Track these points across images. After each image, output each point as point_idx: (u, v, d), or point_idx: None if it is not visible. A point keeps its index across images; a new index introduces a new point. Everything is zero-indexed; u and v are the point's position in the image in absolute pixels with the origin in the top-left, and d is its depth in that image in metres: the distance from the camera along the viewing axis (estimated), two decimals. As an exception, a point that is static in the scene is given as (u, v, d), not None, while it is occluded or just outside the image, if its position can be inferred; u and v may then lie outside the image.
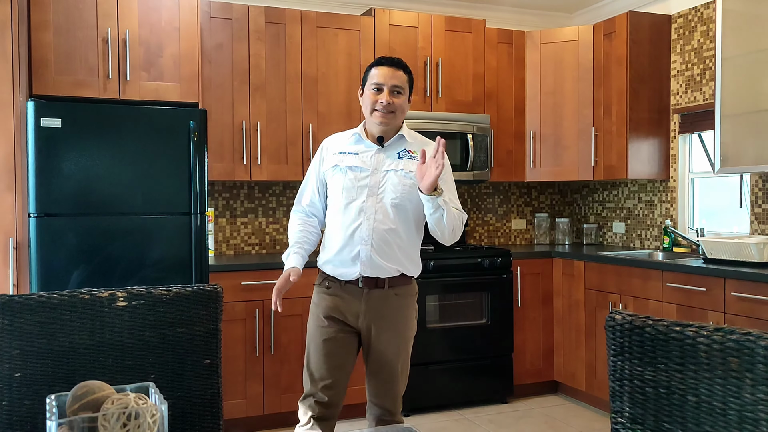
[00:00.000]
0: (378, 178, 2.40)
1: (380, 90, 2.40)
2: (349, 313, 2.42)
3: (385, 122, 2.41)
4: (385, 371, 2.45)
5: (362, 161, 2.43)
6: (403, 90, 2.44)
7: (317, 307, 2.48)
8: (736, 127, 3.50)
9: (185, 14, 3.56)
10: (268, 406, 3.74)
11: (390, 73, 2.41)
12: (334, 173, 2.46)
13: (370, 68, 2.46)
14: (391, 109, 2.40)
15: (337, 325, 2.43)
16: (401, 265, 2.44)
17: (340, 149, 2.49)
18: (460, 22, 4.45)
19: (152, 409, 1.16)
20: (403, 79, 2.44)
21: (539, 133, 4.63)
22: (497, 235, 5.04)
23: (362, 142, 2.48)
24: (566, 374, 4.30)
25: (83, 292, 1.60)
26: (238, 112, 3.93)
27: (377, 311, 2.42)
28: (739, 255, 3.31)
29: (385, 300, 2.42)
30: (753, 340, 1.23)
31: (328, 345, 2.42)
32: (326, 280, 2.48)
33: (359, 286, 2.41)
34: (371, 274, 2.39)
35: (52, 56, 3.34)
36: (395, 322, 2.45)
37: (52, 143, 3.18)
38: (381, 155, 2.44)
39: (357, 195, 2.40)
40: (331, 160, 2.49)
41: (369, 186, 2.40)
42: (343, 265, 2.42)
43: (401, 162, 2.41)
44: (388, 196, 2.38)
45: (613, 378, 1.46)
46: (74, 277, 3.22)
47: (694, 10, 4.16)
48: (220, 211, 4.27)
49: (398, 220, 2.40)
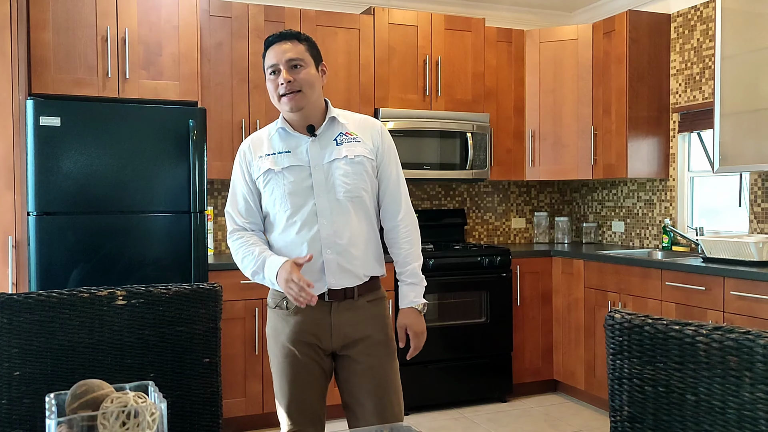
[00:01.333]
0: (322, 172, 2.05)
1: (277, 72, 2.04)
2: (318, 332, 2.05)
3: (296, 105, 2.03)
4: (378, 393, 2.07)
5: (298, 158, 2.06)
6: (304, 61, 2.03)
7: (279, 333, 2.08)
8: (736, 126, 3.51)
9: (184, 13, 3.56)
10: (267, 405, 3.74)
11: (281, 49, 2.03)
12: (268, 179, 2.07)
13: (263, 55, 2.09)
14: (295, 87, 2.01)
15: (308, 350, 2.06)
16: (371, 266, 2.12)
17: (267, 151, 2.10)
18: (460, 20, 4.45)
19: (151, 408, 1.16)
20: (300, 49, 2.04)
21: (539, 131, 4.63)
22: (496, 234, 5.04)
23: (289, 136, 2.10)
24: (565, 373, 4.31)
25: (82, 291, 1.60)
26: (238, 111, 3.93)
27: (350, 324, 2.07)
28: (738, 254, 3.31)
29: (358, 309, 2.08)
30: (752, 338, 1.23)
31: (303, 375, 2.06)
32: (284, 300, 2.07)
33: (325, 300, 2.05)
34: (339, 285, 2.05)
35: (52, 55, 3.34)
36: (373, 331, 2.10)
37: (52, 142, 3.18)
38: (316, 146, 2.07)
39: (305, 198, 2.04)
40: (261, 165, 2.09)
41: (315, 184, 2.04)
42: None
43: (342, 148, 2.07)
44: (340, 191, 2.04)
45: (612, 377, 1.46)
46: (73, 275, 3.22)
47: (693, 9, 4.16)
48: (220, 210, 4.27)
49: (359, 214, 2.08)
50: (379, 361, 2.09)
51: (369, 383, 2.07)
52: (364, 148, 2.10)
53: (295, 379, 2.06)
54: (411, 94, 4.31)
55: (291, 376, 2.07)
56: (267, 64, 2.06)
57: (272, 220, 2.11)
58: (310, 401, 2.08)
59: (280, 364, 2.09)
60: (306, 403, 2.07)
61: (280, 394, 2.11)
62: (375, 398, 2.06)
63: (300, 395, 2.07)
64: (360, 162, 2.07)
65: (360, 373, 2.07)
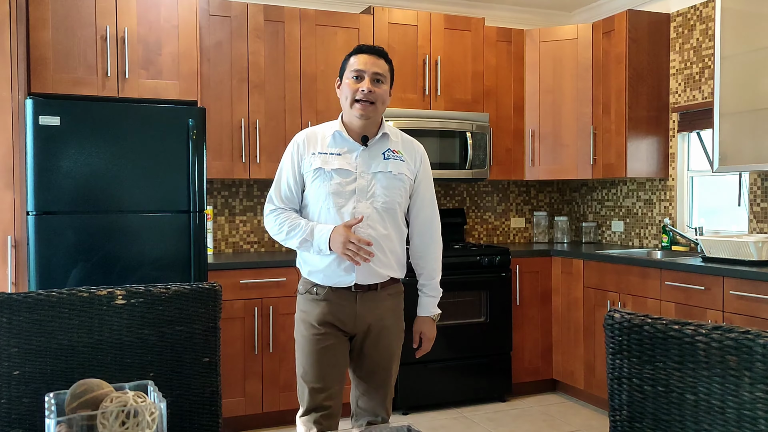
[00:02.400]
0: (366, 180, 2.25)
1: (360, 78, 2.23)
2: (343, 317, 2.27)
3: (365, 114, 2.23)
4: (379, 375, 2.34)
5: (348, 163, 2.25)
6: (385, 79, 2.27)
7: (308, 315, 2.29)
8: (735, 125, 3.51)
9: (184, 12, 3.56)
10: (267, 404, 3.74)
11: (371, 61, 2.25)
12: (316, 176, 2.25)
13: (349, 57, 2.30)
14: (372, 98, 2.22)
15: (333, 331, 2.27)
16: (393, 270, 2.33)
17: (321, 149, 2.28)
18: (459, 20, 4.45)
19: (151, 407, 1.16)
20: (385, 68, 2.27)
21: (538, 131, 4.63)
22: (496, 234, 5.04)
23: (344, 141, 2.28)
24: (565, 373, 4.31)
25: (82, 290, 1.60)
26: (237, 110, 3.93)
27: (372, 313, 2.29)
28: (737, 254, 3.32)
29: (380, 301, 2.30)
30: (751, 338, 1.23)
31: (327, 353, 2.26)
32: (314, 287, 2.30)
33: (351, 290, 2.27)
34: (365, 281, 2.26)
35: (51, 54, 3.33)
36: (391, 323, 2.34)
37: (51, 141, 3.18)
38: (366, 156, 2.27)
39: (346, 201, 2.23)
40: (312, 161, 2.27)
41: (358, 190, 2.24)
42: (335, 275, 2.26)
43: (389, 163, 2.28)
44: (378, 200, 2.25)
45: (611, 376, 1.46)
46: (73, 275, 3.22)
47: (693, 9, 4.16)
48: (219, 209, 4.27)
49: (390, 224, 2.29)
50: (390, 351, 2.35)
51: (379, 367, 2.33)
52: (406, 167, 2.32)
53: (320, 358, 2.26)
54: (410, 93, 4.31)
55: (316, 354, 2.26)
56: (353, 68, 2.26)
57: (311, 212, 2.30)
58: (330, 379, 2.27)
59: (308, 343, 2.28)
60: (327, 380, 2.26)
61: (303, 372, 2.29)
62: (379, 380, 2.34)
63: (321, 372, 2.26)
64: (401, 179, 2.29)
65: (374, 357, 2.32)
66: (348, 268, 2.23)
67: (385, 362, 2.34)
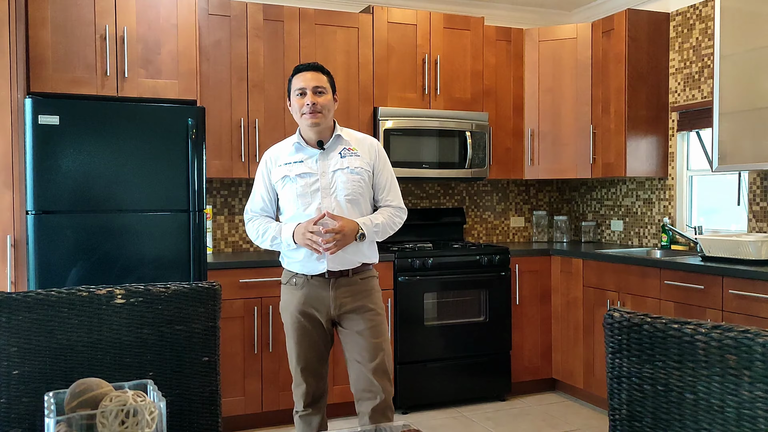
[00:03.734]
0: (327, 179, 2.57)
1: (304, 94, 2.55)
2: (320, 303, 2.57)
3: (315, 122, 2.54)
4: (369, 350, 2.54)
5: (309, 167, 2.58)
6: (325, 89, 2.57)
7: (289, 305, 2.61)
8: (735, 125, 3.51)
9: (183, 11, 3.56)
10: (267, 404, 3.74)
11: (310, 76, 2.56)
12: (284, 183, 2.60)
13: (291, 78, 2.61)
14: (317, 109, 2.53)
15: (311, 318, 2.58)
16: (363, 255, 2.61)
17: (285, 160, 2.62)
18: (459, 19, 4.44)
19: (150, 407, 1.16)
20: (323, 80, 2.58)
21: (537, 130, 4.63)
22: (495, 233, 5.04)
23: (303, 149, 2.61)
24: (564, 372, 4.31)
25: (81, 290, 1.60)
26: (237, 110, 3.93)
27: (346, 297, 2.57)
28: (736, 253, 3.32)
29: (353, 285, 2.59)
30: (751, 337, 1.23)
31: (307, 338, 2.58)
32: (294, 278, 2.61)
33: (326, 277, 2.56)
34: (336, 267, 2.55)
35: (50, 53, 3.33)
36: (367, 302, 2.59)
37: (50, 140, 3.18)
38: (324, 157, 2.59)
39: (312, 199, 2.56)
40: (279, 172, 2.62)
41: (321, 188, 2.56)
42: (309, 263, 2.56)
43: (345, 160, 2.59)
44: (341, 194, 2.56)
45: (611, 375, 1.47)
46: (72, 274, 3.22)
47: (692, 8, 4.16)
48: (219, 209, 4.27)
49: (354, 214, 2.58)
50: (371, 325, 2.57)
51: (365, 342, 2.55)
52: (361, 161, 2.61)
53: (300, 341, 2.59)
54: (410, 92, 4.31)
55: (297, 338, 2.59)
56: (296, 86, 2.57)
57: (287, 215, 2.63)
58: (311, 359, 2.60)
59: (289, 330, 2.61)
60: (309, 361, 2.59)
61: (290, 354, 2.63)
62: (370, 355, 2.54)
63: (304, 354, 2.59)
64: (358, 173, 2.59)
65: (356, 334, 2.56)
66: (320, 257, 2.53)
67: (372, 337, 2.55)
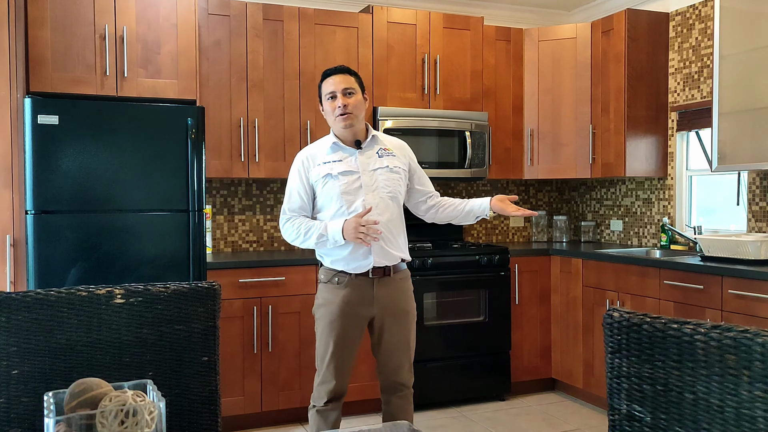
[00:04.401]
0: (369, 176, 2.65)
1: (335, 97, 2.65)
2: (363, 302, 2.65)
3: (348, 123, 2.64)
4: (400, 349, 2.72)
5: (349, 165, 2.66)
6: (355, 90, 2.67)
7: (330, 303, 2.66)
8: (734, 124, 3.51)
9: (183, 11, 3.56)
10: (266, 404, 3.74)
11: (339, 80, 2.66)
12: (326, 181, 2.65)
13: (321, 83, 2.72)
14: (348, 110, 2.63)
15: (352, 316, 2.65)
16: (402, 251, 2.73)
17: (323, 159, 2.68)
18: (459, 19, 4.44)
19: (150, 407, 1.16)
20: (351, 81, 2.68)
21: (537, 130, 4.63)
22: (495, 233, 5.04)
23: (341, 148, 2.69)
24: (564, 372, 4.31)
25: (81, 290, 1.60)
26: (236, 109, 3.93)
27: (388, 296, 2.67)
28: (736, 253, 3.32)
29: (394, 284, 2.69)
30: (750, 337, 1.23)
31: (345, 338, 2.65)
32: (336, 276, 2.66)
33: (369, 276, 2.64)
34: (381, 263, 2.65)
35: (50, 53, 3.33)
36: (404, 303, 2.73)
37: (50, 140, 3.17)
38: (363, 157, 2.68)
39: (356, 195, 2.63)
40: (319, 170, 2.67)
41: (363, 185, 2.64)
42: (355, 260, 2.63)
43: (384, 159, 2.70)
44: (383, 191, 2.66)
45: (610, 375, 1.47)
46: (72, 274, 3.22)
47: (692, 8, 4.16)
48: (218, 209, 4.27)
49: (395, 211, 2.70)
50: (405, 328, 2.73)
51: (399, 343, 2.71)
52: (398, 161, 2.74)
53: (337, 340, 2.64)
54: (409, 92, 4.31)
55: (334, 336, 2.64)
56: (326, 91, 2.67)
57: (326, 214, 2.67)
58: (345, 358, 2.67)
59: (326, 327, 2.66)
60: (342, 359, 2.66)
61: (321, 351, 2.68)
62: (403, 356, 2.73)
63: (339, 352, 2.65)
64: (397, 171, 2.72)
65: (392, 334, 2.69)
66: (365, 253, 2.61)
67: (405, 339, 2.72)
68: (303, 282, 3.79)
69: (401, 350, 2.73)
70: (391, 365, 2.73)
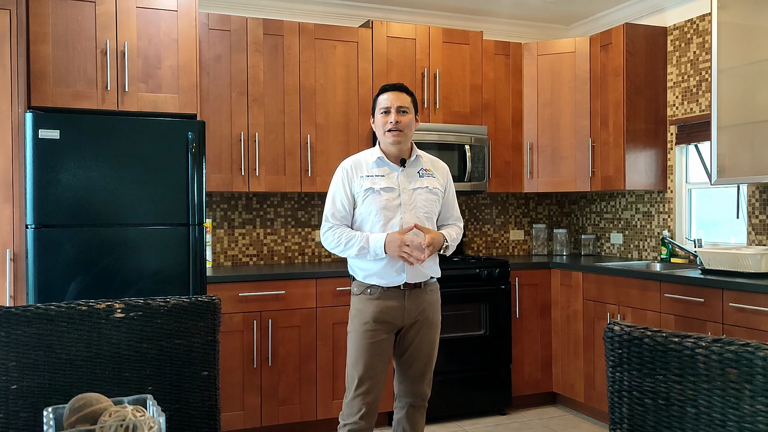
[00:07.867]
0: (408, 195, 2.73)
1: (388, 112, 2.71)
2: (394, 312, 2.70)
3: (397, 140, 2.70)
4: (422, 361, 2.76)
5: (391, 182, 2.72)
6: (408, 109, 2.74)
7: (362, 313, 2.70)
8: (733, 138, 3.52)
9: (184, 26, 3.58)
10: (266, 418, 3.72)
11: (394, 97, 2.72)
12: (367, 195, 2.71)
13: (377, 97, 2.78)
14: (400, 127, 2.69)
15: (383, 327, 2.69)
16: (434, 271, 2.80)
17: (367, 172, 2.73)
18: (458, 33, 4.47)
19: (150, 422, 1.16)
20: (407, 100, 2.75)
21: (536, 144, 4.64)
22: (495, 246, 5.04)
23: (386, 164, 2.75)
24: (565, 385, 4.29)
25: (80, 304, 1.60)
26: (237, 124, 3.94)
27: (418, 307, 2.73)
28: (736, 266, 3.32)
29: (423, 296, 2.75)
30: (751, 351, 1.23)
31: (377, 347, 2.68)
32: (369, 288, 2.71)
33: (401, 289, 2.70)
34: (414, 280, 2.71)
35: (51, 68, 3.35)
36: (431, 315, 2.78)
37: (51, 155, 3.18)
38: (405, 175, 2.75)
39: (394, 213, 2.70)
40: (362, 183, 2.72)
41: (403, 203, 2.71)
42: (388, 276, 2.69)
43: (424, 180, 2.77)
44: (420, 211, 2.73)
45: (611, 389, 1.46)
46: (71, 288, 3.21)
47: (689, 23, 4.18)
48: (218, 222, 4.27)
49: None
50: (431, 339, 2.78)
51: (423, 356, 2.76)
52: (437, 183, 2.82)
53: (370, 350, 2.67)
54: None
55: (367, 347, 2.67)
56: (381, 105, 2.74)
57: (363, 227, 2.74)
58: (377, 368, 2.69)
59: (360, 338, 2.69)
60: (376, 370, 2.68)
61: (355, 361, 2.69)
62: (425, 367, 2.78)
63: (372, 362, 2.67)
64: (435, 193, 2.79)
65: (418, 345, 2.75)
66: (399, 269, 2.68)
67: (428, 349, 2.77)
68: (303, 296, 3.78)
69: (425, 361, 2.77)
70: (413, 374, 2.77)
